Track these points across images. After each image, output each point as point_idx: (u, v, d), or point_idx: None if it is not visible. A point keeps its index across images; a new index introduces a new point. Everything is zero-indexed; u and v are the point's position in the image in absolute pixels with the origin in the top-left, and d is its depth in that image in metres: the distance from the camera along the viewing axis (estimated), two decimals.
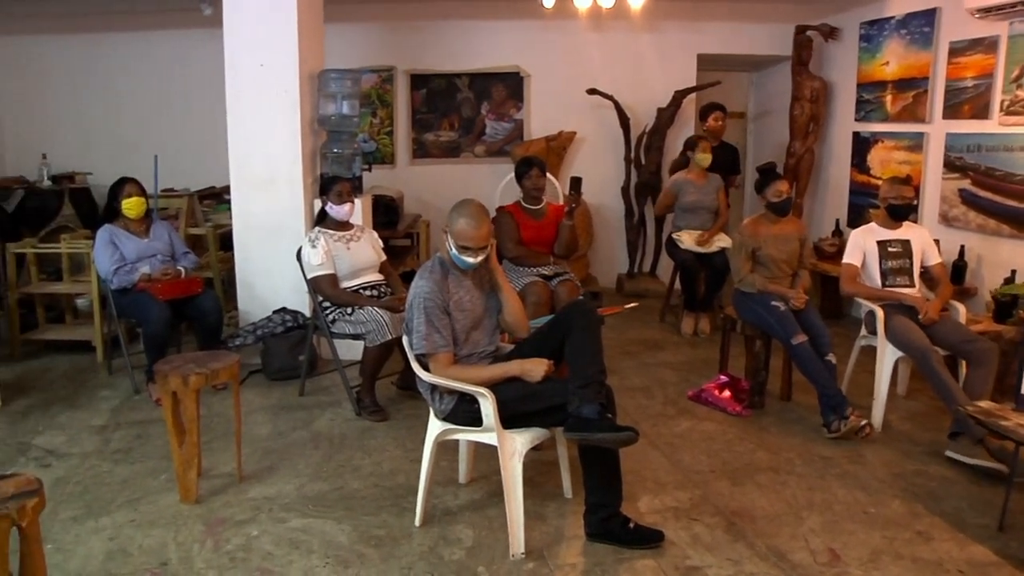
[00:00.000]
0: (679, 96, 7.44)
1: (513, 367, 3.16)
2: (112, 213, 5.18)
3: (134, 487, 3.78)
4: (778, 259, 4.62)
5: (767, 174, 4.73)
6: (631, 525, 3.16)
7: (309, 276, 4.75)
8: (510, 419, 3.09)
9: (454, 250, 3.23)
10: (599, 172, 7.55)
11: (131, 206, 5.09)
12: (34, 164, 7.68)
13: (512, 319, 3.40)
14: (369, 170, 6.29)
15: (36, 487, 2.40)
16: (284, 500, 3.61)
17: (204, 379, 3.51)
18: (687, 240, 6.08)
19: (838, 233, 6.50)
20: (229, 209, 5.99)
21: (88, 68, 7.99)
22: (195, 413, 3.52)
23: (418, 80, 7.88)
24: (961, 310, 4.46)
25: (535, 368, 3.13)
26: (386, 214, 6.40)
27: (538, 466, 3.78)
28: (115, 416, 4.73)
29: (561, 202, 5.73)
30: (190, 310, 5.04)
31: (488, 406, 3.04)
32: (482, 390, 3.05)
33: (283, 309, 5.39)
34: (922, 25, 5.86)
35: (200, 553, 3.18)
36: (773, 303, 4.46)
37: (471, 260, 3.22)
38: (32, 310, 6.20)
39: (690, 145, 6.27)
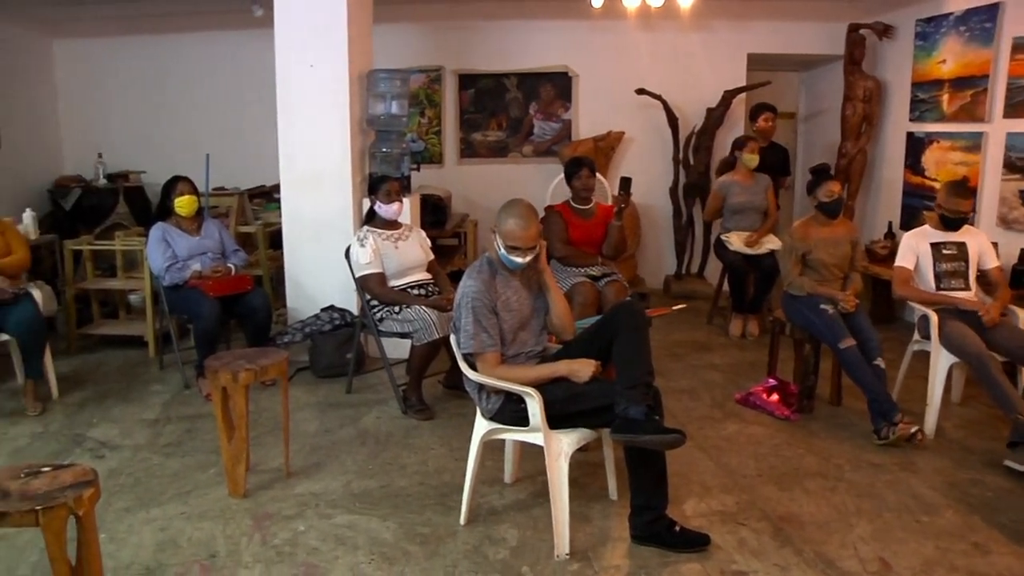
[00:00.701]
0: (728, 96, 7.37)
1: (560, 367, 3.15)
2: (165, 211, 5.27)
3: (184, 480, 3.84)
4: (828, 263, 4.55)
5: (820, 174, 4.66)
6: (677, 528, 3.14)
7: (357, 275, 4.79)
8: (557, 419, 3.08)
9: (503, 250, 3.23)
10: (647, 172, 7.50)
11: (183, 204, 5.17)
12: (91, 163, 7.86)
13: (559, 320, 3.40)
14: (417, 169, 6.32)
15: (92, 478, 2.46)
16: (330, 496, 3.64)
17: (253, 375, 3.55)
18: (736, 241, 6.02)
19: (890, 235, 6.39)
20: (278, 208, 6.06)
21: (142, 69, 8.16)
22: (244, 409, 3.56)
23: (466, 80, 7.90)
24: (1021, 315, 4.34)
25: (582, 369, 3.11)
26: (434, 213, 6.42)
27: (584, 467, 3.77)
28: (166, 410, 4.81)
29: (610, 202, 5.71)
30: (240, 307, 5.11)
31: (535, 406, 3.04)
32: (529, 390, 3.05)
33: (331, 307, 5.44)
34: (983, 21, 5.72)
35: (248, 546, 3.22)
36: (822, 306, 4.39)
37: (519, 260, 3.22)
38: (87, 305, 6.34)
39: (738, 145, 6.21)
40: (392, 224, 4.93)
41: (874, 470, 3.86)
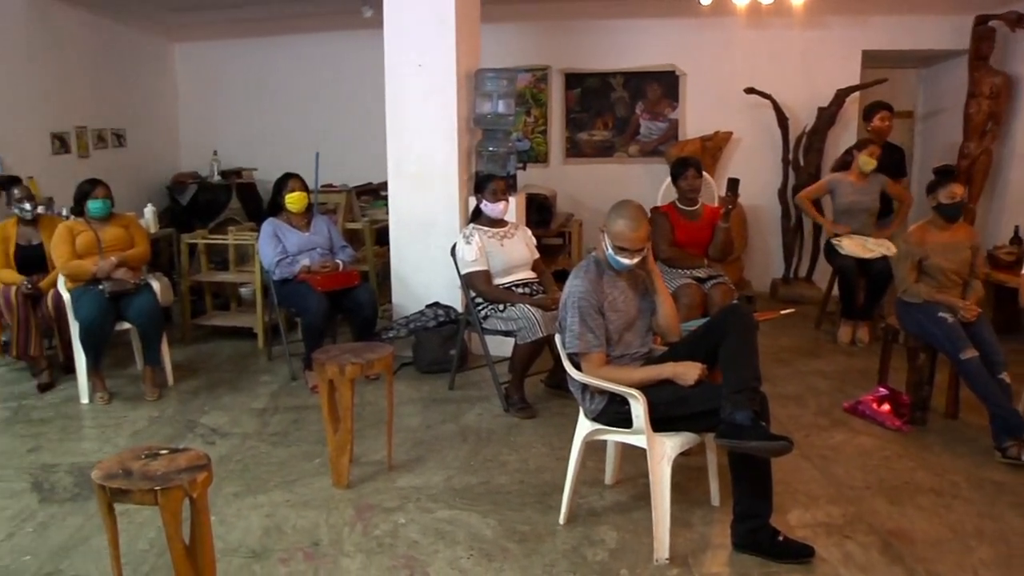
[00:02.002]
0: (842, 95, 7.15)
1: (666, 370, 3.12)
2: (276, 207, 5.42)
3: (290, 469, 3.95)
4: (947, 269, 4.35)
5: (943, 175, 4.46)
6: (780, 538, 3.06)
7: (463, 272, 4.83)
8: (660, 422, 3.04)
9: (611, 250, 3.21)
10: (755, 173, 7.32)
11: (294, 201, 5.31)
12: (206, 161, 8.18)
13: (665, 323, 3.36)
14: (523, 168, 6.34)
15: (205, 462, 2.55)
16: (431, 491, 3.69)
17: (360, 369, 3.62)
18: (847, 245, 5.84)
19: (1017, 241, 6.06)
20: (385, 205, 6.18)
21: (256, 70, 8.44)
22: (350, 401, 3.63)
23: (572, 79, 7.89)
24: None
25: (688, 371, 3.07)
26: (539, 212, 6.44)
27: (686, 471, 3.70)
28: (274, 400, 4.96)
29: (716, 203, 5.62)
30: (346, 302, 5.20)
31: (639, 408, 3.01)
32: (633, 391, 3.02)
33: (436, 304, 5.50)
34: None
35: (349, 536, 3.29)
36: (940, 314, 4.20)
37: (627, 261, 3.20)
38: (201, 297, 6.59)
39: (857, 145, 6.01)
40: (498, 222, 4.96)
41: (996, 489, 3.65)
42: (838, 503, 3.52)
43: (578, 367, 3.22)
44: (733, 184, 5.01)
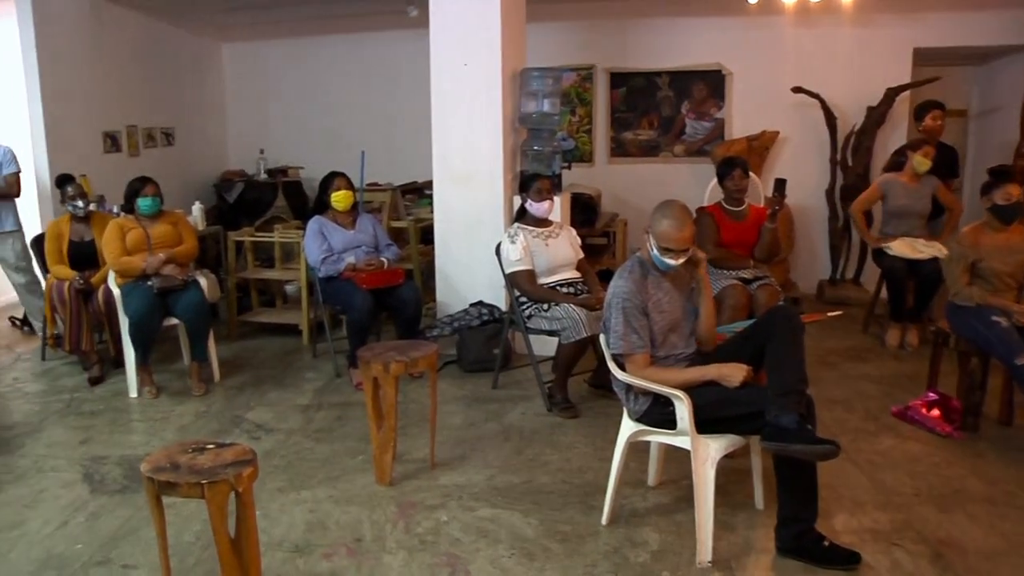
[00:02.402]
0: (892, 94, 7.03)
1: (711, 371, 3.09)
2: (322, 205, 5.45)
3: (333, 465, 3.99)
4: (1001, 272, 4.25)
5: (1000, 175, 4.34)
6: (826, 543, 3.02)
7: (507, 271, 4.83)
8: (705, 424, 3.02)
9: (655, 251, 3.19)
10: (802, 173, 7.24)
11: (340, 199, 5.35)
12: (253, 159, 8.30)
13: (704, 330, 3.33)
14: (568, 168, 6.32)
15: (251, 457, 2.58)
16: (474, 489, 3.69)
17: (404, 367, 3.64)
18: (896, 246, 5.73)
19: None
20: (430, 204, 6.19)
21: (302, 70, 8.54)
22: (394, 399, 3.65)
23: (618, 78, 7.87)
24: None
25: (733, 373, 3.04)
26: (584, 212, 6.42)
27: (729, 474, 3.67)
28: (318, 397, 5.00)
29: (763, 204, 5.56)
30: (391, 300, 5.22)
31: (683, 409, 2.99)
32: (678, 392, 3.00)
33: (480, 302, 5.51)
34: None
35: (392, 533, 3.31)
36: (994, 318, 4.11)
37: (672, 262, 3.18)
38: (247, 294, 6.67)
39: (912, 146, 5.89)
40: (543, 222, 4.96)
41: None
42: (886, 510, 3.45)
43: (622, 368, 3.20)
44: (780, 184, 4.95)
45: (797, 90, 7.12)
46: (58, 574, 3.08)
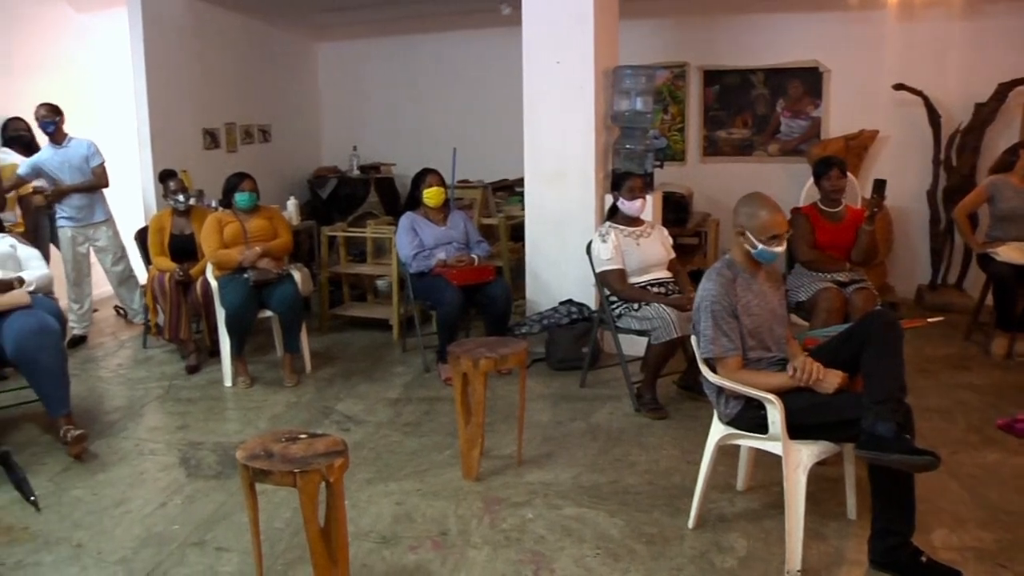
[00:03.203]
0: (1003, 89, 6.70)
1: (811, 374, 3.01)
2: (414, 202, 5.52)
3: (421, 459, 4.03)
4: None
5: None
6: (923, 558, 2.90)
7: (598, 270, 4.81)
8: (797, 429, 2.94)
9: (760, 246, 3.13)
10: (903, 174, 6.98)
11: (432, 195, 5.40)
12: (346, 156, 8.46)
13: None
14: (660, 166, 6.26)
15: (342, 448, 2.63)
16: (560, 487, 3.68)
17: (493, 363, 3.65)
18: (1004, 251, 5.49)
19: None
20: (520, 201, 6.20)
21: (395, 68, 8.66)
22: (483, 395, 3.66)
23: (711, 76, 7.75)
24: None
25: (828, 378, 2.96)
26: (675, 211, 6.35)
27: (821, 482, 3.56)
28: (407, 391, 5.06)
29: (860, 205, 5.40)
30: (480, 296, 5.25)
31: (776, 414, 2.92)
32: (770, 396, 2.93)
33: (569, 301, 5.49)
34: None
35: (477, 528, 3.33)
36: None
37: (780, 248, 3.14)
38: (339, 288, 6.80)
39: None
40: (634, 221, 4.91)
41: None
42: (991, 528, 3.28)
43: (714, 370, 3.15)
44: (880, 185, 4.79)
45: (899, 87, 6.88)
46: (157, 551, 3.21)
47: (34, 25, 6.98)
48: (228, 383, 5.18)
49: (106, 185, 6.16)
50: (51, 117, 5.88)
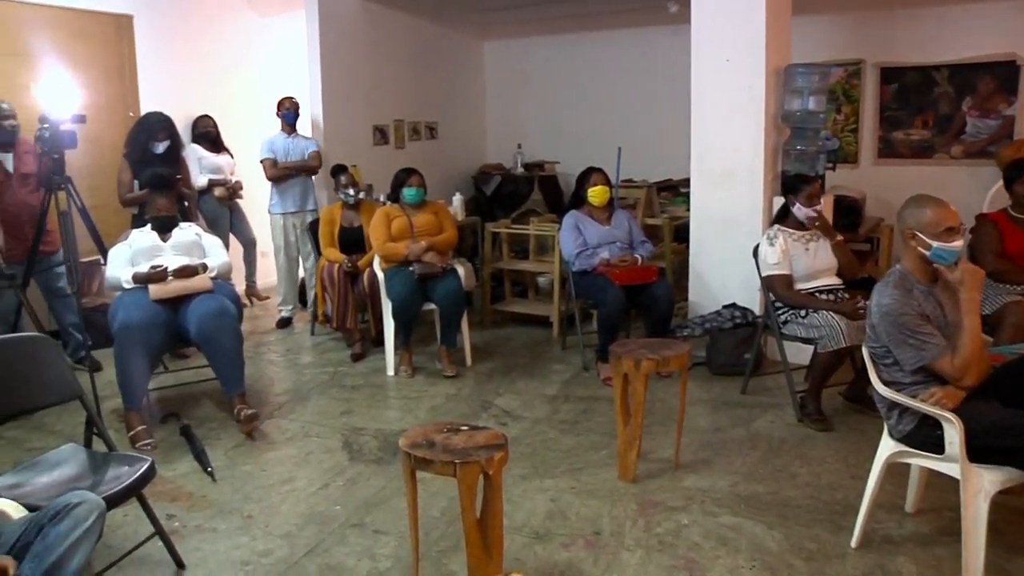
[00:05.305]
0: None
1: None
2: (578, 200, 5.53)
3: (576, 457, 4.03)
4: None
5: None
6: None
7: (764, 274, 4.67)
8: (979, 452, 2.74)
9: (936, 245, 2.95)
10: None
11: (596, 194, 5.39)
12: (510, 153, 8.56)
13: (964, 354, 2.91)
14: (832, 169, 6.02)
15: (502, 442, 2.68)
16: (717, 494, 3.61)
17: (655, 365, 3.61)
18: None
19: None
20: (685, 202, 6.11)
21: (561, 66, 8.70)
22: (642, 396, 3.63)
23: (889, 74, 7.38)
24: None
25: (947, 397, 2.79)
26: (847, 216, 6.08)
27: (1004, 512, 3.30)
28: (565, 389, 5.08)
29: None
30: (643, 297, 5.20)
31: (954, 433, 2.74)
32: (949, 415, 2.76)
33: (733, 304, 5.36)
34: None
35: (631, 530, 3.30)
36: None
37: (958, 244, 2.94)
38: (501, 284, 6.89)
39: None
40: (804, 225, 4.75)
41: None
42: None
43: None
44: None
45: None
46: (320, 530, 3.38)
47: (221, 30, 7.43)
48: (391, 372, 5.36)
49: (318, 166, 6.58)
50: (295, 110, 6.58)
